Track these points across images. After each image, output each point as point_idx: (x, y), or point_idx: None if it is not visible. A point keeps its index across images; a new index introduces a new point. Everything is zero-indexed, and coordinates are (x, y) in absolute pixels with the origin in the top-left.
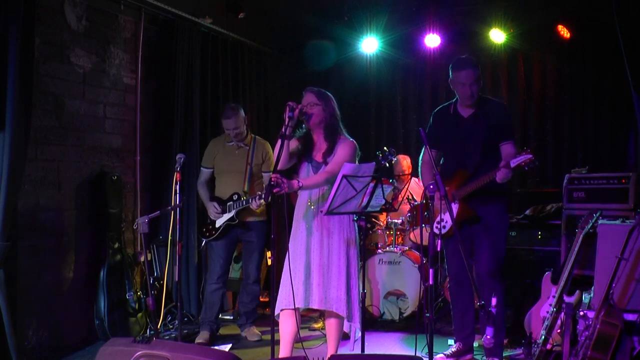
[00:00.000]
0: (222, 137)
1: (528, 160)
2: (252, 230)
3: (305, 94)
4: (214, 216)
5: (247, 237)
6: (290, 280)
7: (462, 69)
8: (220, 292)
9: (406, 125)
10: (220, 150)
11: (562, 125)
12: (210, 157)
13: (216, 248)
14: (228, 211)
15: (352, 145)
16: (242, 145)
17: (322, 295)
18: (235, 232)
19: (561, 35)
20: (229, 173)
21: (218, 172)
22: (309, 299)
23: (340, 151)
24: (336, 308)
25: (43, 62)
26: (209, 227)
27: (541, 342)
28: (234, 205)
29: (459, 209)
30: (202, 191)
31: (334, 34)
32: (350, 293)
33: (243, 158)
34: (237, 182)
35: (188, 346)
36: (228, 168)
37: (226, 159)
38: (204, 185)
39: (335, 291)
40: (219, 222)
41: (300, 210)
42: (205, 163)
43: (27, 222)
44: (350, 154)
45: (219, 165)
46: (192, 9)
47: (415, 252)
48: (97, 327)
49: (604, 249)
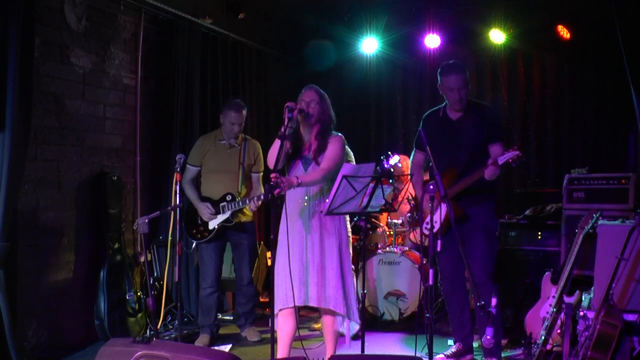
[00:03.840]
0: (212, 135)
1: (515, 157)
2: (243, 231)
3: (305, 91)
4: (207, 217)
5: (237, 239)
6: (287, 279)
7: (450, 74)
8: (216, 295)
9: (406, 125)
10: (210, 148)
11: (562, 126)
12: (199, 155)
13: (208, 251)
14: (222, 212)
15: (340, 139)
16: (234, 144)
17: (321, 293)
18: (227, 234)
19: (561, 35)
20: (219, 173)
21: (207, 171)
22: (307, 297)
23: (331, 147)
24: (334, 306)
25: (43, 62)
26: (200, 228)
27: (541, 343)
28: (228, 206)
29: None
30: (189, 191)
31: (334, 34)
32: (346, 291)
33: (234, 158)
34: (229, 182)
35: (188, 346)
36: (219, 167)
37: (217, 157)
38: (191, 183)
39: (332, 290)
40: (213, 224)
41: (295, 208)
42: (193, 161)
43: (27, 222)
44: (340, 147)
45: (209, 164)
46: (192, 9)
47: (415, 253)
48: (97, 327)
49: (603, 249)
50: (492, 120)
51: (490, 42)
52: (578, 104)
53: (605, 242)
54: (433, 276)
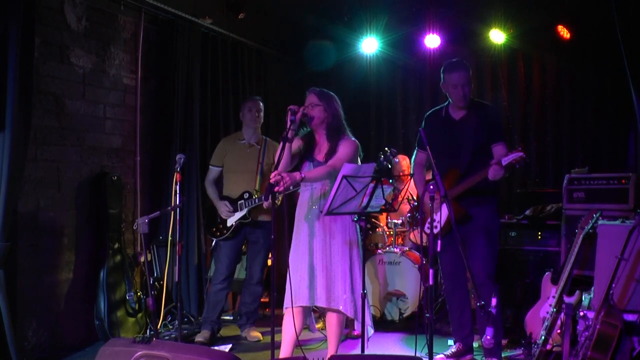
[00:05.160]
0: (232, 136)
1: (519, 158)
2: (260, 229)
3: (308, 95)
4: (225, 215)
5: (254, 237)
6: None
7: (454, 71)
8: (225, 292)
9: (406, 125)
10: (230, 148)
11: (562, 126)
12: (220, 156)
13: (224, 248)
14: (240, 209)
15: (353, 143)
16: (253, 144)
17: (327, 294)
18: (244, 232)
19: (561, 35)
20: (239, 172)
21: (227, 171)
22: (314, 298)
23: (342, 149)
24: (343, 308)
25: (43, 62)
26: (219, 226)
27: (541, 343)
28: (245, 203)
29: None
30: (210, 190)
31: (334, 34)
32: (354, 294)
33: (254, 157)
34: (248, 181)
35: (188, 346)
36: (239, 167)
37: (237, 157)
38: (212, 183)
39: (340, 291)
40: (231, 221)
41: (302, 211)
42: (215, 161)
43: (27, 222)
44: (352, 151)
45: (229, 163)
46: (192, 9)
47: (415, 253)
48: (97, 327)
49: (603, 249)
50: (494, 120)
51: (490, 42)
52: (578, 104)
53: (605, 242)
54: (433, 276)
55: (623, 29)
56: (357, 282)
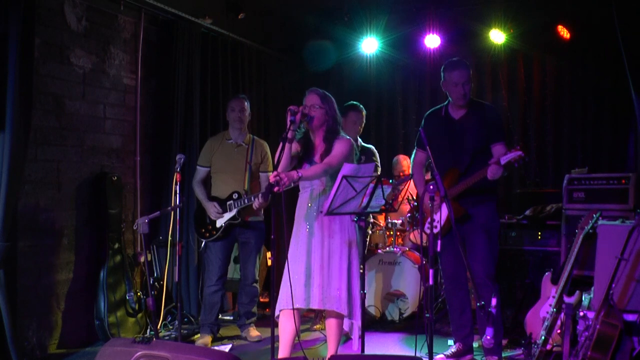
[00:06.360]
0: (219, 136)
1: (518, 157)
2: (251, 229)
3: (308, 94)
4: (214, 216)
5: (245, 238)
6: (289, 281)
7: (454, 69)
8: (220, 293)
9: (406, 125)
10: (218, 148)
11: (562, 126)
12: (207, 156)
13: (214, 249)
14: (229, 210)
15: (348, 142)
16: (241, 143)
17: (322, 295)
18: (235, 233)
19: (561, 35)
20: (227, 172)
21: (215, 171)
22: (309, 300)
23: (337, 147)
24: (337, 307)
25: (43, 62)
26: (209, 227)
27: (541, 343)
28: (234, 204)
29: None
30: (198, 190)
31: (334, 34)
32: (351, 292)
33: (242, 157)
34: (237, 181)
35: (188, 346)
36: (226, 167)
37: (225, 157)
38: (200, 184)
39: (336, 291)
40: (220, 222)
41: (302, 211)
42: (202, 162)
43: (27, 222)
44: (347, 149)
45: (217, 164)
46: (192, 10)
47: (415, 253)
48: (97, 327)
49: (603, 250)
50: (493, 120)
51: (490, 42)
52: (578, 104)
53: (605, 242)
54: (433, 276)
55: (623, 29)
56: (354, 281)
